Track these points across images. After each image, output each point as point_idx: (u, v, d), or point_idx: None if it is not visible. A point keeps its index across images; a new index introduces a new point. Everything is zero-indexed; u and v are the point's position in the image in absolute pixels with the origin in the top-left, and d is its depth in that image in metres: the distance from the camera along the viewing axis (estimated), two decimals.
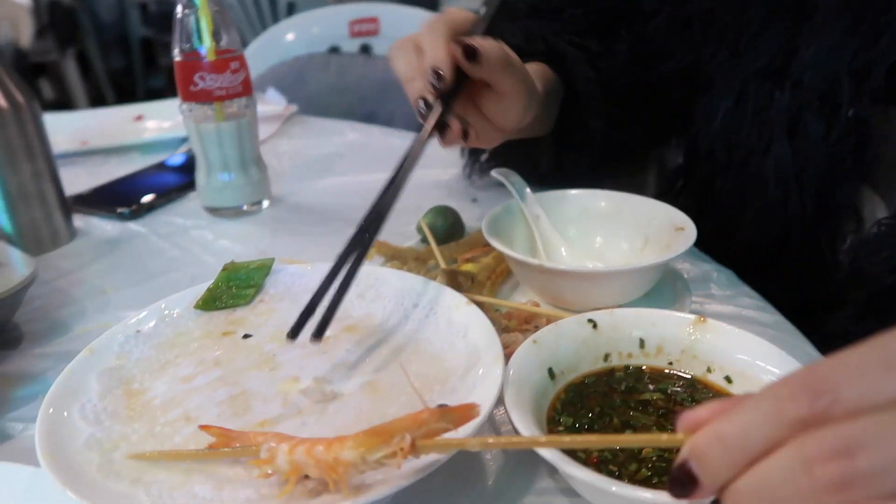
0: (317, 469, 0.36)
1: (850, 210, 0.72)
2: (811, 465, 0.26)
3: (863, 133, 0.67)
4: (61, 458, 0.39)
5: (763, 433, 0.28)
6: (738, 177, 0.78)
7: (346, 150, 1.17)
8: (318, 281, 0.57)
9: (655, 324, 0.52)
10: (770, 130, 0.73)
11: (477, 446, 0.37)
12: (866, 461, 0.26)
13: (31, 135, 0.78)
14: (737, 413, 0.30)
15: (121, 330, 0.51)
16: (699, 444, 0.30)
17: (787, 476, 0.27)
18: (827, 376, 0.28)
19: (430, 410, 0.37)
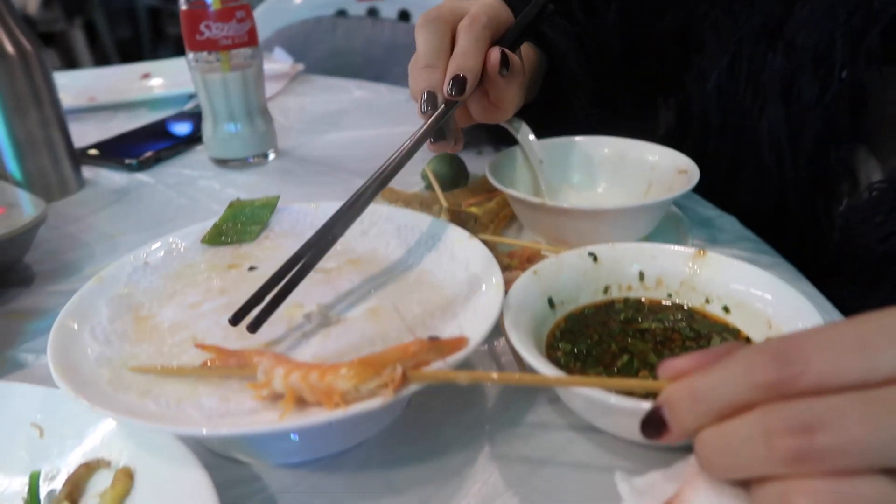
0: (311, 395, 0.37)
1: (846, 173, 0.72)
2: (771, 436, 0.28)
3: (858, 94, 0.67)
4: (73, 371, 0.40)
5: (731, 392, 0.30)
6: (731, 141, 0.78)
7: (352, 106, 1.17)
8: (322, 219, 0.59)
9: (655, 257, 0.52)
10: (764, 93, 0.72)
11: (466, 379, 0.38)
12: (823, 440, 0.27)
13: (39, 82, 0.79)
14: (712, 370, 0.32)
15: (129, 261, 0.52)
16: (672, 394, 0.33)
17: (748, 441, 0.29)
18: (801, 347, 0.29)
19: (419, 342, 0.38)
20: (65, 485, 0.40)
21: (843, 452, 0.27)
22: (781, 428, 0.28)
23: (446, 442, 0.45)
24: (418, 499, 0.41)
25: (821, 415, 0.27)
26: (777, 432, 0.28)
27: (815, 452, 0.27)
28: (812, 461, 0.27)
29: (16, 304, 0.63)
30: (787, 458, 0.27)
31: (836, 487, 0.27)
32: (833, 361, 0.29)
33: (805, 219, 0.75)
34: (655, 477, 0.38)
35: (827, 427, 0.27)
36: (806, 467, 0.27)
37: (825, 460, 0.27)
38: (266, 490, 0.42)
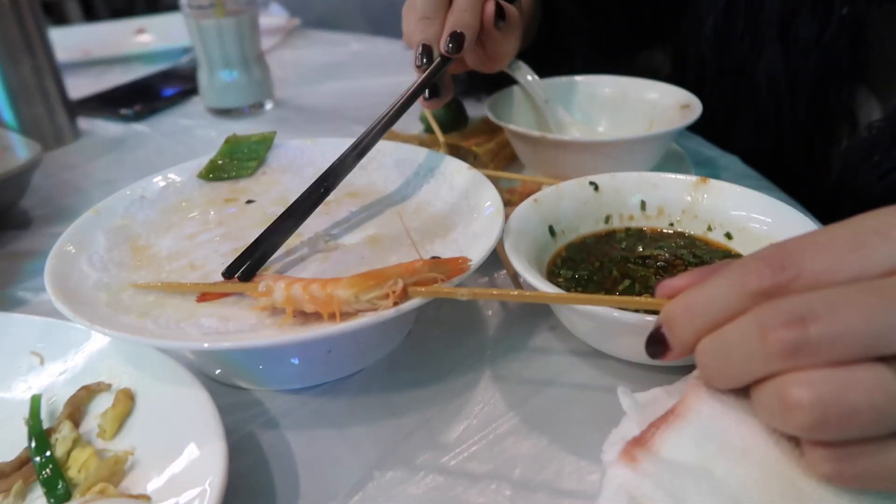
0: (311, 304, 0.37)
1: (845, 114, 0.71)
2: (764, 331, 0.27)
3: (858, 32, 0.65)
4: (71, 294, 0.40)
5: (726, 302, 0.30)
6: (729, 84, 0.76)
7: (349, 58, 1.15)
8: (320, 155, 0.58)
9: (657, 186, 0.52)
10: (762, 34, 0.70)
11: (467, 295, 0.37)
12: (817, 329, 0.26)
13: (31, 29, 0.78)
14: (706, 284, 0.31)
15: (125, 195, 0.52)
16: (670, 312, 0.32)
17: (742, 340, 0.29)
18: (794, 252, 0.29)
19: (422, 260, 0.38)
20: (66, 406, 0.40)
21: (838, 341, 0.26)
22: (775, 322, 0.27)
23: (448, 367, 0.45)
24: (420, 420, 0.41)
25: (814, 306, 0.27)
26: (771, 326, 0.27)
27: (809, 343, 0.26)
28: (807, 352, 0.27)
29: (14, 246, 0.63)
30: (782, 350, 0.27)
31: (833, 376, 0.26)
32: (827, 262, 0.28)
33: (803, 161, 0.74)
34: (658, 392, 0.38)
35: (821, 317, 0.26)
36: (801, 359, 0.27)
37: (820, 351, 0.26)
38: (267, 414, 0.43)
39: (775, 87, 0.71)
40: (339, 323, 0.36)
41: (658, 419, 0.35)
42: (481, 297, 0.47)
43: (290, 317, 0.38)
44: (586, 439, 0.38)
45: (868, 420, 0.26)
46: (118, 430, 0.38)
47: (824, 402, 0.26)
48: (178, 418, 0.37)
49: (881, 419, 0.26)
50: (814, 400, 0.26)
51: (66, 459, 0.36)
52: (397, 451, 0.39)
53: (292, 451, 0.40)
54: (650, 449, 0.33)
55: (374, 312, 0.37)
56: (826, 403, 0.26)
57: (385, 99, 0.96)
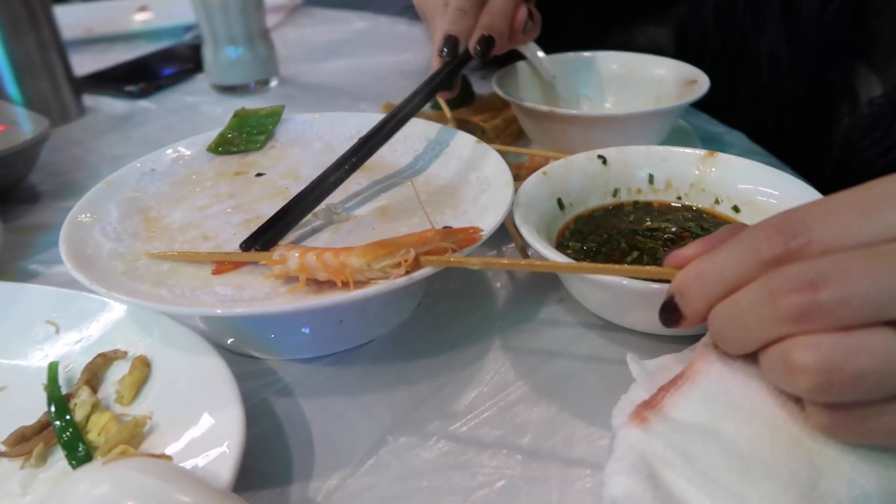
0: (324, 272, 0.38)
1: (846, 91, 0.71)
2: (775, 296, 0.28)
3: (859, 10, 0.65)
4: (86, 262, 0.40)
5: (738, 270, 0.30)
6: (730, 61, 0.76)
7: (353, 37, 1.15)
8: (328, 129, 0.58)
9: (665, 159, 0.52)
10: (764, 10, 0.70)
11: (478, 265, 0.37)
12: (826, 294, 0.26)
13: (35, 4, 0.78)
14: (718, 252, 0.31)
15: (136, 168, 0.52)
16: (682, 281, 0.33)
17: (753, 305, 0.29)
18: (804, 219, 0.29)
19: (434, 230, 0.38)
20: (83, 373, 0.40)
21: (846, 306, 0.26)
22: (785, 287, 0.28)
23: (458, 337, 0.46)
24: (432, 388, 0.42)
25: (824, 271, 0.27)
26: (781, 291, 0.28)
27: (819, 307, 0.27)
28: (816, 317, 0.27)
29: (23, 220, 0.63)
30: (791, 314, 0.27)
31: (839, 340, 0.27)
32: (836, 227, 0.28)
33: (804, 138, 0.74)
34: (666, 359, 0.39)
35: (830, 282, 0.27)
36: (811, 323, 0.27)
37: (829, 315, 0.27)
38: (281, 382, 0.43)
39: (777, 63, 0.71)
40: (351, 291, 0.37)
41: (668, 383, 0.36)
42: (492, 267, 0.48)
43: (302, 284, 0.38)
44: (595, 406, 0.39)
45: (871, 384, 0.27)
46: (135, 396, 0.39)
47: (829, 366, 0.26)
48: (195, 384, 0.38)
49: (884, 383, 0.26)
50: (819, 363, 0.27)
51: (85, 423, 0.37)
52: (410, 417, 0.40)
53: (306, 417, 0.40)
54: (660, 410, 0.34)
55: (386, 281, 0.37)
56: (830, 367, 0.26)
57: (389, 77, 0.96)
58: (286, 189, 0.51)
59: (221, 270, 0.41)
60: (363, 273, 0.37)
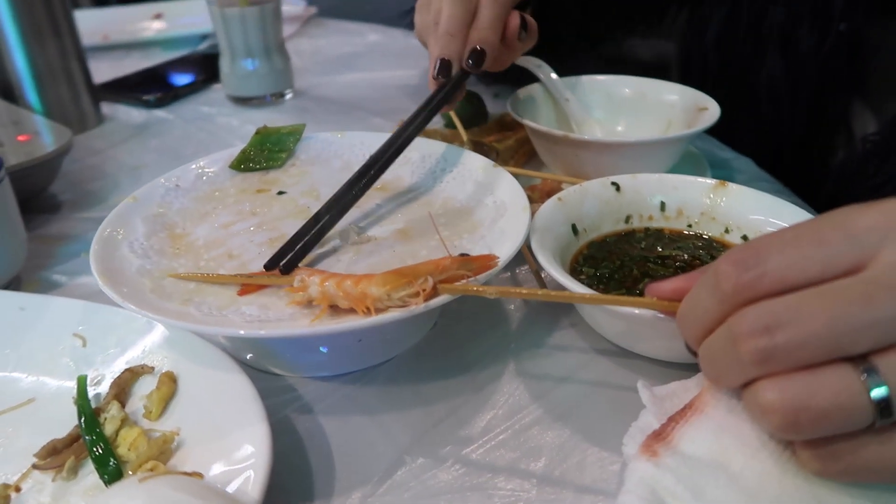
0: (345, 300, 0.39)
1: (841, 124, 0.72)
2: (737, 342, 0.29)
3: (855, 45, 0.67)
4: (116, 279, 0.42)
5: (706, 308, 0.32)
6: (729, 91, 0.77)
7: (366, 49, 1.16)
8: (347, 148, 0.60)
9: (677, 188, 0.53)
10: (764, 45, 0.72)
11: (494, 294, 0.39)
12: (782, 337, 0.28)
13: (58, 11, 0.79)
14: (691, 292, 0.33)
15: (161, 184, 0.53)
16: (678, 324, 0.34)
17: (722, 350, 0.31)
18: (759, 250, 0.30)
19: (451, 258, 0.39)
20: (112, 387, 0.41)
21: (803, 346, 0.28)
22: (745, 332, 0.29)
23: (473, 359, 0.47)
24: (448, 409, 0.43)
25: (779, 314, 0.28)
26: (742, 336, 0.29)
27: (777, 350, 0.28)
28: (776, 359, 0.28)
29: (45, 229, 0.65)
30: (753, 359, 0.29)
31: (800, 381, 0.28)
32: (791, 258, 0.29)
33: (800, 168, 0.75)
34: (676, 386, 0.40)
35: (786, 324, 0.28)
36: (772, 366, 0.28)
37: (788, 356, 0.28)
38: (301, 399, 0.44)
39: (775, 94, 0.73)
40: (371, 316, 0.38)
41: (677, 413, 0.37)
42: (508, 296, 0.49)
43: (325, 308, 0.39)
44: (607, 431, 0.40)
45: (838, 420, 0.28)
46: (163, 411, 0.40)
47: (794, 406, 0.28)
48: (221, 401, 0.39)
49: (850, 417, 0.28)
50: (784, 404, 0.28)
51: (114, 438, 0.38)
52: (427, 438, 0.41)
53: (326, 434, 0.42)
54: (670, 443, 0.35)
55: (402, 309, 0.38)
56: (796, 407, 0.28)
57: (402, 92, 0.98)
58: (307, 208, 0.52)
59: (246, 292, 0.42)
60: (383, 302, 0.38)
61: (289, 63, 0.93)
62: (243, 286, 0.43)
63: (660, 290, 0.37)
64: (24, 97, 0.80)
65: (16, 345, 0.45)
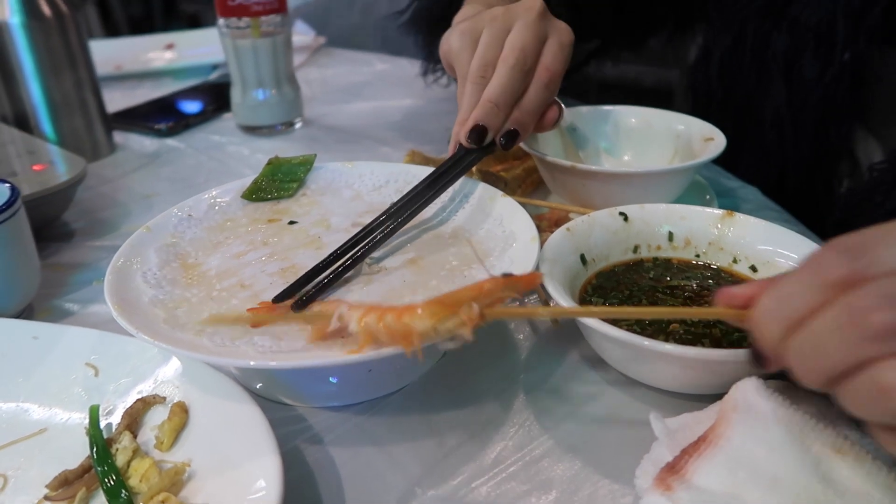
0: (388, 336, 0.37)
1: (845, 152, 0.73)
2: (863, 315, 0.27)
3: (858, 74, 0.67)
4: (130, 309, 0.42)
5: (806, 297, 0.30)
6: (733, 118, 0.78)
7: (374, 78, 1.18)
8: (357, 178, 0.60)
9: (685, 217, 0.54)
10: (768, 72, 0.73)
11: (547, 314, 0.37)
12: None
13: (74, 44, 0.81)
14: (779, 285, 0.31)
15: (174, 213, 0.54)
16: (755, 323, 0.32)
17: (835, 328, 0.28)
18: (862, 242, 0.29)
19: (493, 280, 0.37)
20: (123, 417, 0.42)
21: None
22: (871, 305, 0.27)
23: (483, 389, 0.47)
24: (458, 440, 0.43)
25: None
26: (864, 309, 0.27)
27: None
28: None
29: (57, 258, 0.65)
30: (877, 333, 0.27)
31: None
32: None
33: (804, 196, 0.76)
34: (688, 418, 0.40)
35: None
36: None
37: None
38: (311, 429, 0.44)
39: (779, 121, 0.73)
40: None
41: (690, 446, 0.37)
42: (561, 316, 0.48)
43: (365, 344, 0.37)
44: (618, 463, 0.40)
45: None
46: (174, 442, 0.40)
47: None
48: (232, 432, 0.39)
49: None
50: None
51: (126, 469, 0.38)
52: (438, 470, 0.41)
53: (336, 465, 0.42)
54: (684, 476, 0.35)
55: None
56: None
57: (410, 121, 0.99)
58: (318, 238, 0.52)
59: (259, 324, 0.43)
60: (430, 337, 0.36)
61: (299, 93, 0.94)
62: (254, 317, 0.43)
63: (734, 297, 0.34)
64: (39, 127, 0.81)
65: (28, 374, 0.46)
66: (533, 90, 0.56)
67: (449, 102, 1.02)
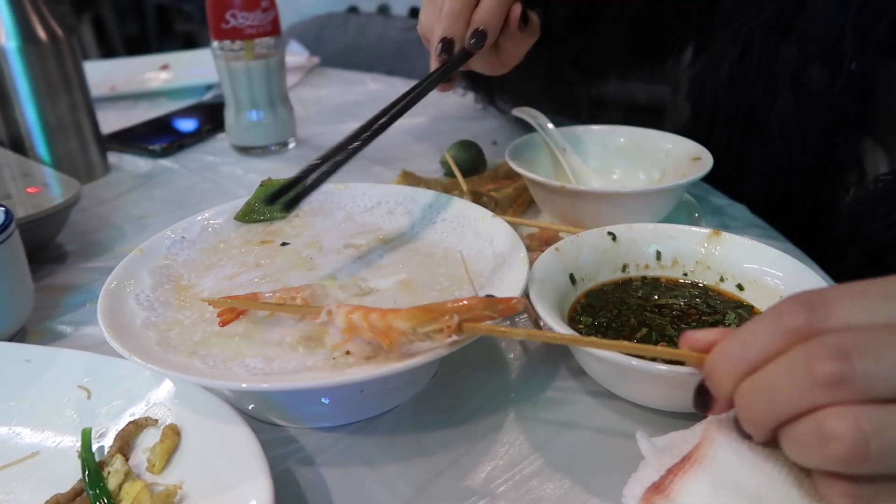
0: (370, 332, 0.39)
1: (853, 162, 0.74)
2: (812, 363, 0.29)
3: (865, 85, 0.69)
4: (123, 332, 0.42)
5: (764, 343, 0.31)
6: (741, 129, 0.79)
7: (368, 98, 1.19)
8: (349, 199, 0.61)
9: (672, 237, 0.55)
10: (775, 84, 0.74)
11: (522, 336, 0.39)
12: (862, 364, 0.28)
13: (69, 67, 0.81)
14: (740, 331, 0.33)
15: (167, 235, 0.54)
16: (710, 363, 0.34)
17: (788, 375, 0.30)
18: (823, 296, 0.31)
19: (478, 298, 0.39)
20: (115, 440, 0.42)
21: (881, 378, 0.28)
22: (821, 354, 0.28)
23: (473, 409, 0.47)
24: (449, 459, 0.43)
25: (859, 343, 0.28)
26: (817, 358, 0.28)
27: (854, 376, 0.28)
28: (852, 385, 0.28)
29: (51, 279, 0.65)
30: (827, 381, 0.28)
31: (875, 411, 0.28)
32: (860, 307, 0.30)
33: (811, 206, 0.77)
34: (674, 437, 0.41)
35: (866, 353, 0.28)
36: (845, 392, 0.28)
37: (864, 385, 0.28)
38: (303, 451, 0.45)
39: (787, 133, 0.74)
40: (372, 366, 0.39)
41: (675, 465, 0.37)
42: (535, 339, 0.50)
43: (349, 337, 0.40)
44: (607, 481, 0.41)
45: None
46: (166, 464, 0.40)
47: (865, 436, 0.27)
48: (223, 454, 0.39)
49: None
50: (855, 433, 0.27)
51: (118, 492, 0.38)
52: (428, 491, 0.41)
53: (328, 487, 0.42)
54: (668, 496, 0.35)
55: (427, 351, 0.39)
56: (867, 437, 0.27)
57: (403, 141, 0.99)
58: (310, 259, 0.53)
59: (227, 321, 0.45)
60: (407, 336, 0.39)
61: (292, 113, 0.95)
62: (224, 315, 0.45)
63: (696, 341, 0.35)
64: (33, 149, 0.81)
65: (20, 397, 0.46)
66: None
67: (442, 122, 1.04)
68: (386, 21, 1.82)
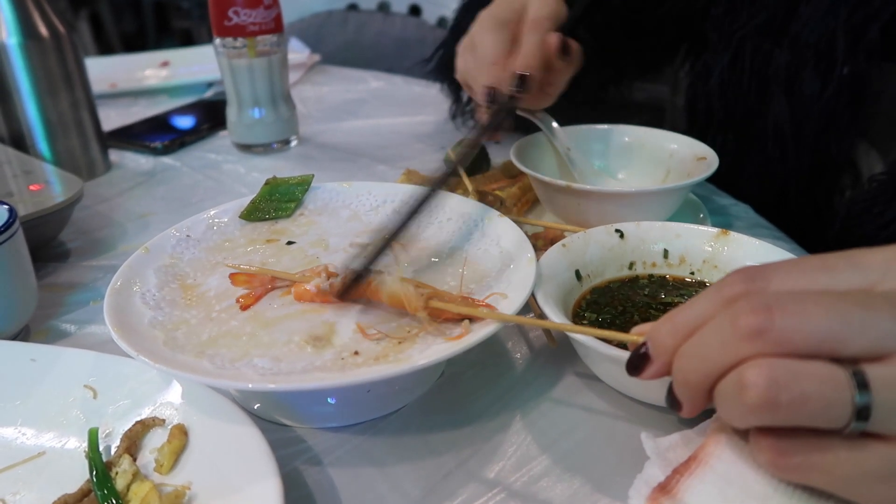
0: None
1: (847, 165, 0.74)
2: (736, 318, 0.30)
3: (858, 89, 0.69)
4: (130, 332, 0.42)
5: (702, 309, 0.33)
6: (735, 134, 0.79)
7: (369, 96, 1.19)
8: (354, 198, 0.61)
9: (680, 235, 0.54)
10: (768, 88, 0.74)
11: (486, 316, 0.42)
12: (781, 317, 0.29)
13: (71, 64, 0.81)
14: (685, 304, 0.34)
15: (172, 234, 0.54)
16: (652, 331, 0.35)
17: (716, 331, 0.31)
18: (768, 268, 0.32)
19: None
20: (122, 440, 0.41)
21: (798, 331, 0.29)
22: (745, 309, 0.30)
23: (480, 409, 0.47)
24: (457, 460, 0.43)
25: (782, 299, 0.30)
26: (742, 312, 0.30)
27: (773, 329, 0.29)
28: (769, 338, 0.29)
29: (54, 278, 0.65)
30: (749, 333, 0.29)
31: (789, 364, 0.29)
32: (796, 277, 0.31)
33: (806, 209, 0.77)
34: (677, 437, 0.41)
35: (787, 308, 0.29)
36: (764, 344, 0.29)
37: (782, 338, 0.29)
38: (311, 451, 0.44)
39: (781, 136, 0.74)
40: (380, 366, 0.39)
41: (681, 465, 0.37)
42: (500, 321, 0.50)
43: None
44: (614, 481, 0.41)
45: (816, 409, 0.29)
46: (174, 464, 0.40)
47: (777, 385, 0.29)
48: (232, 454, 0.39)
49: (828, 411, 0.29)
50: (768, 381, 0.29)
51: (126, 492, 0.38)
52: (437, 491, 0.41)
53: (336, 488, 0.42)
54: (675, 497, 0.35)
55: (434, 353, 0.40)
56: (779, 386, 0.29)
57: (405, 139, 0.99)
58: (317, 258, 0.53)
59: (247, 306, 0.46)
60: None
61: (294, 111, 0.95)
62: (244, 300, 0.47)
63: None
64: (35, 147, 0.81)
65: (26, 397, 0.46)
66: (522, 35, 0.62)
67: (445, 121, 1.03)
68: (386, 18, 1.81)
